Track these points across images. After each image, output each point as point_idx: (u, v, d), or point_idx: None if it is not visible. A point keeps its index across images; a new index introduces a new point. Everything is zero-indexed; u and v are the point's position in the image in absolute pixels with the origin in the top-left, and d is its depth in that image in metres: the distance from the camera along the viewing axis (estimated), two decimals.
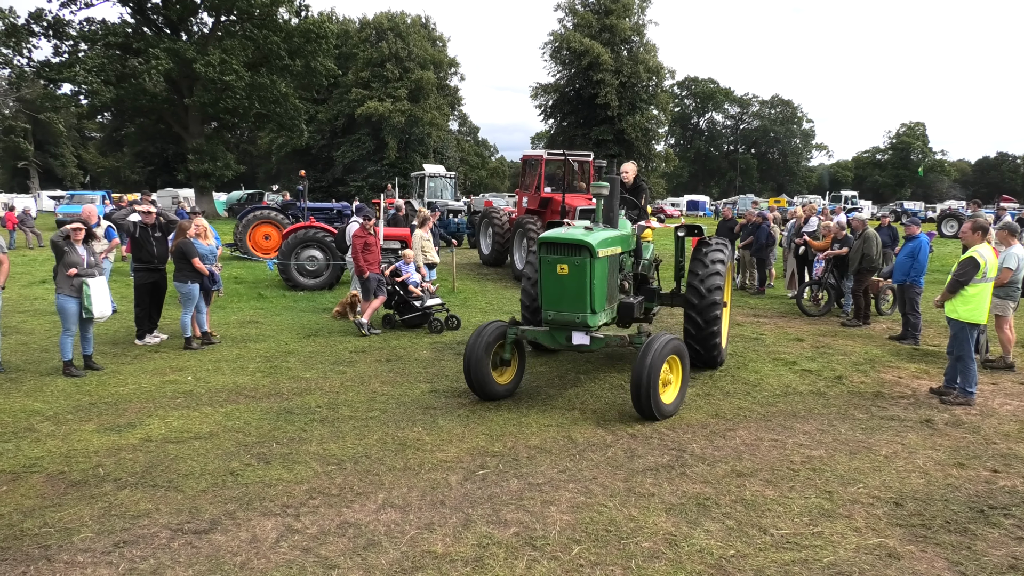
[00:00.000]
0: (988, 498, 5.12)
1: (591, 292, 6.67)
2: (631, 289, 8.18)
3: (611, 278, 7.19)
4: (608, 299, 7.15)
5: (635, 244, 8.48)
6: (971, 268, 7.35)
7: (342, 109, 61.76)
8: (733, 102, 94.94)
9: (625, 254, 7.95)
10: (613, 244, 7.17)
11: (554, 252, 6.77)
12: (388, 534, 4.46)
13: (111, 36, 37.53)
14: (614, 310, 7.55)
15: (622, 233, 7.74)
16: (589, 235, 6.72)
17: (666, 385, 6.73)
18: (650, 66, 64.01)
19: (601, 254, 6.74)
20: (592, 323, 6.80)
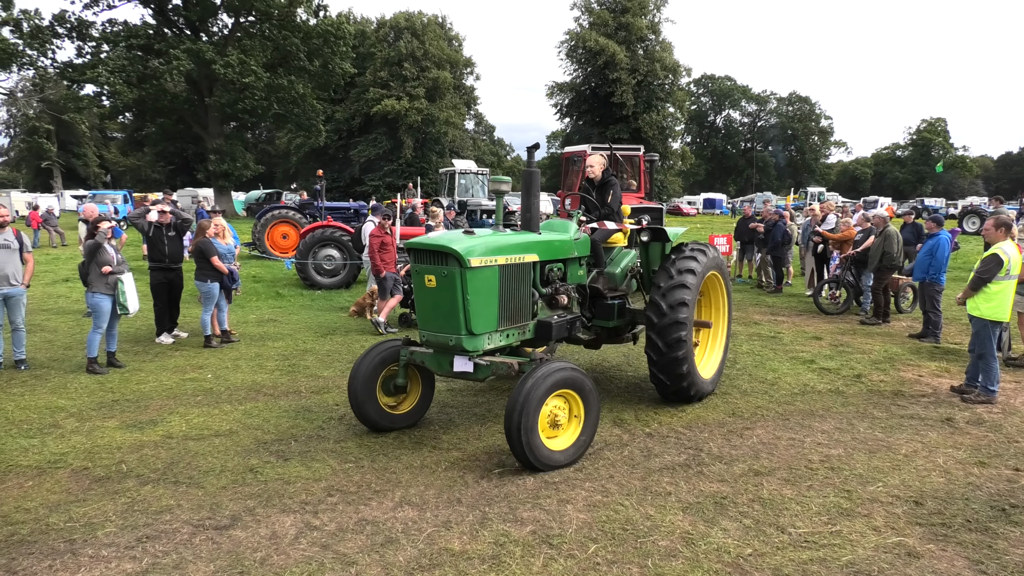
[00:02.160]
0: (1010, 497, 5.07)
1: (464, 310, 5.44)
2: (575, 303, 6.81)
3: (506, 292, 5.80)
4: (503, 318, 5.83)
5: (586, 250, 6.97)
6: (994, 265, 7.27)
7: (359, 108, 62.04)
8: (750, 99, 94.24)
9: (555, 263, 6.52)
10: (504, 251, 5.77)
11: (421, 261, 5.64)
12: (405, 531, 4.49)
13: (133, 37, 37.99)
14: (526, 330, 6.16)
15: (531, 238, 6.21)
16: (459, 241, 5.54)
17: (556, 427, 5.49)
18: (666, 64, 63.65)
19: (475, 263, 5.43)
20: (470, 347, 5.57)
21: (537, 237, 6.31)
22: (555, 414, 5.43)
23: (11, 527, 4.54)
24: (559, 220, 7.04)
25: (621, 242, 7.59)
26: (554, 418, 5.44)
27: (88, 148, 76.24)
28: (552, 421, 5.44)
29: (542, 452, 5.30)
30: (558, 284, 6.58)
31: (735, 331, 11.11)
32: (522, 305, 6.06)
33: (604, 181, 7.63)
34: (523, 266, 6.00)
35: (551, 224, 6.93)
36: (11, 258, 8.43)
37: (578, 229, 6.92)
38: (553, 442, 5.47)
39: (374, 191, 57.95)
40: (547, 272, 6.45)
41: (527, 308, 6.13)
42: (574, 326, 6.58)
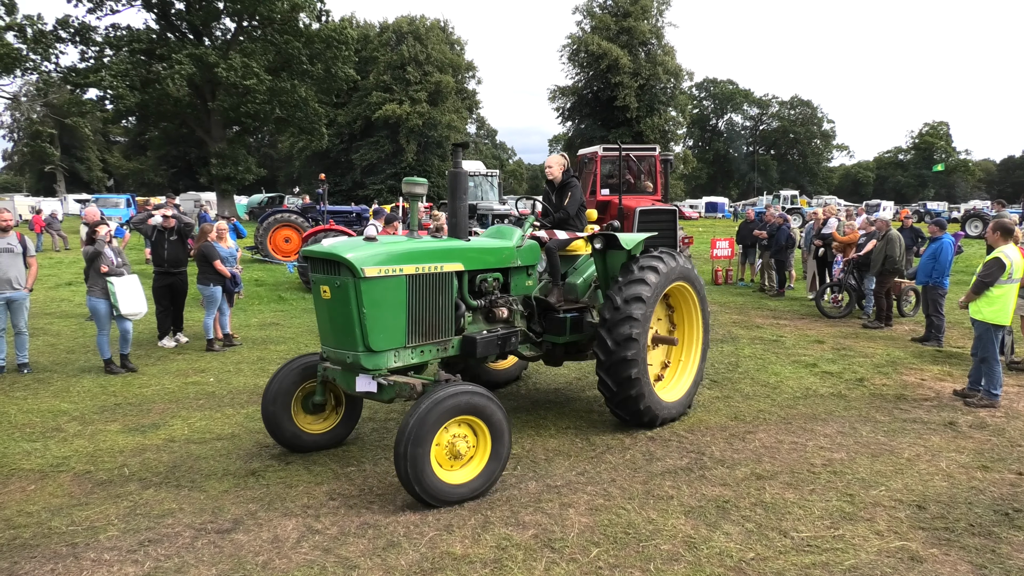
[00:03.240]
0: (1013, 501, 5.05)
1: (360, 324, 4.93)
2: (517, 317, 6.22)
3: (417, 305, 5.26)
4: (415, 333, 5.29)
5: (534, 259, 6.37)
6: (996, 269, 7.26)
7: (361, 112, 62.21)
8: (752, 103, 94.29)
9: (488, 272, 5.95)
10: (413, 260, 5.22)
11: (316, 270, 5.17)
12: (407, 535, 4.49)
13: (136, 42, 38.10)
14: (448, 347, 5.63)
15: (452, 246, 5.65)
16: (354, 248, 5.02)
17: (456, 457, 4.94)
18: (669, 68, 63.74)
19: (372, 273, 4.90)
20: (369, 364, 5.06)
21: (462, 244, 5.73)
22: (455, 443, 4.89)
23: (13, 531, 4.55)
24: (506, 226, 6.54)
25: (585, 250, 7.05)
26: (453, 447, 4.90)
27: (91, 152, 76.50)
28: (451, 451, 4.90)
29: (434, 485, 4.74)
30: (495, 296, 6.00)
31: (737, 335, 11.12)
32: (441, 319, 5.48)
33: (564, 183, 7.06)
34: (442, 276, 5.43)
35: (498, 230, 6.50)
36: (14, 262, 8.45)
37: (523, 236, 6.28)
38: (452, 474, 4.91)
39: (376, 195, 58.05)
40: (478, 283, 5.89)
41: (448, 322, 5.54)
42: (509, 342, 5.95)
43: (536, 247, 6.42)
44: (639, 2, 63.46)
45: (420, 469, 4.64)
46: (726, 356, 9.66)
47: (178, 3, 39.79)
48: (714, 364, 9.17)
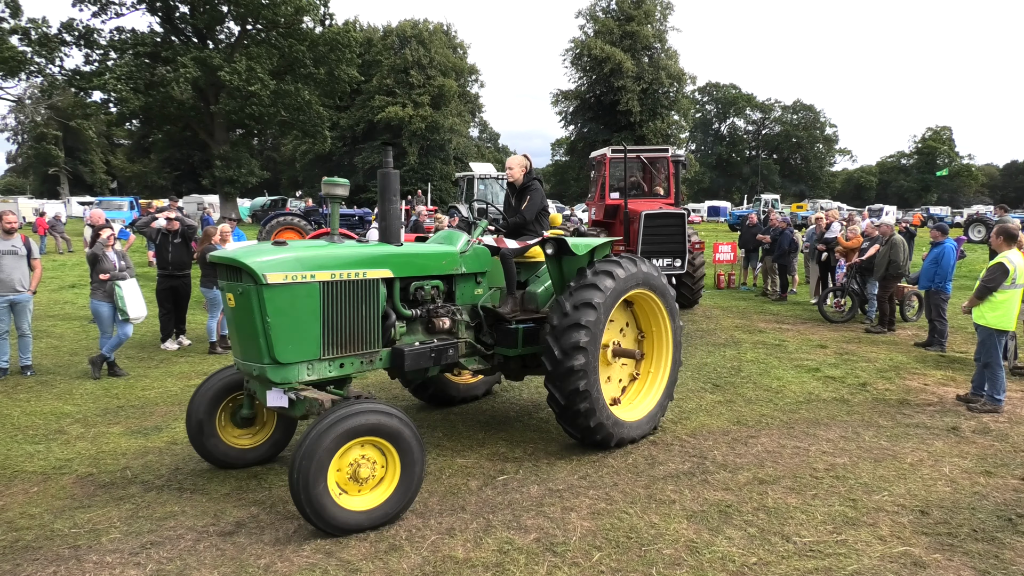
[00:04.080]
0: (1016, 506, 5.04)
1: (265, 334, 4.58)
2: (461, 327, 5.81)
3: (335, 314, 4.89)
4: (332, 344, 4.91)
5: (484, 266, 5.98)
6: (1000, 274, 7.25)
7: (364, 115, 62.34)
8: (755, 107, 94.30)
9: (425, 279, 5.56)
10: (329, 265, 4.86)
11: (222, 276, 4.88)
12: (409, 539, 4.49)
13: (140, 45, 38.19)
14: (374, 359, 5.22)
15: (378, 251, 5.29)
16: (257, 253, 4.67)
17: (361, 481, 4.56)
18: (672, 72, 63.82)
19: (276, 280, 4.54)
20: (276, 378, 4.70)
21: (391, 250, 5.36)
22: (358, 466, 4.53)
23: (16, 533, 4.56)
24: (455, 231, 6.12)
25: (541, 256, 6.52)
26: (356, 471, 4.53)
27: (95, 155, 76.72)
28: (354, 474, 4.53)
29: (333, 512, 4.38)
30: (436, 305, 5.64)
31: (739, 339, 11.11)
32: (364, 329, 5.08)
33: (524, 186, 6.62)
34: (365, 283, 5.05)
35: (447, 235, 6.08)
36: (18, 264, 8.47)
37: (470, 241, 5.90)
38: (356, 500, 4.56)
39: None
40: (413, 291, 5.52)
41: (373, 333, 5.14)
42: (445, 354, 5.49)
43: (485, 253, 5.99)
44: (642, 6, 63.59)
45: (316, 495, 4.29)
46: (728, 360, 9.65)
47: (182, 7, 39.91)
48: (716, 368, 9.17)
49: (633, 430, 6.18)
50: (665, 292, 6.40)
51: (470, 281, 5.93)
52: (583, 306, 5.62)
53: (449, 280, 5.79)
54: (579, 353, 5.54)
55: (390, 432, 4.57)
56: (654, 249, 12.61)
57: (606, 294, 5.71)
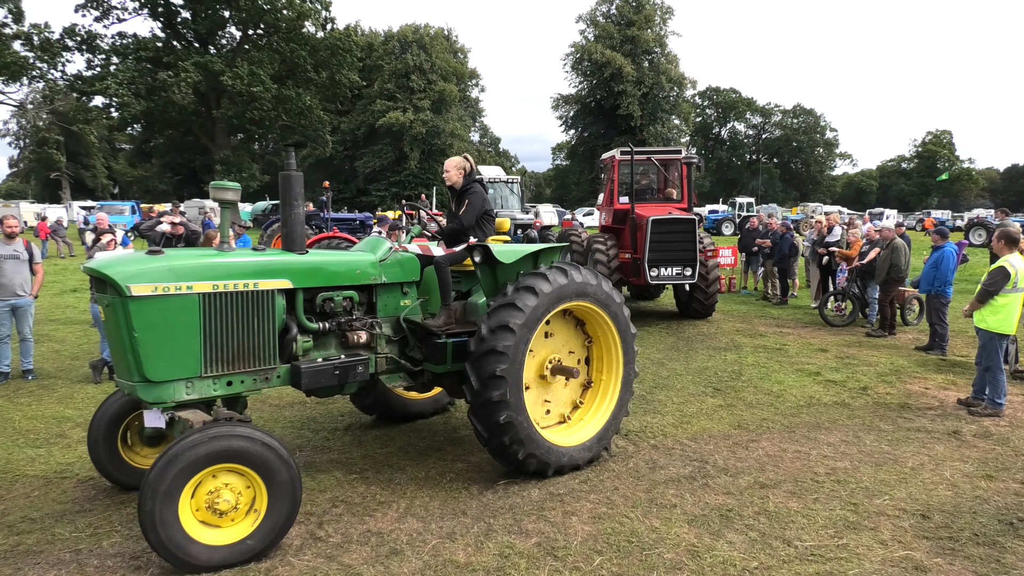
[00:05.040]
0: (1018, 511, 5.03)
1: (133, 350, 4.23)
2: (381, 342, 5.41)
3: (219, 328, 4.53)
4: (216, 361, 4.54)
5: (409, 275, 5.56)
6: (1001, 278, 7.26)
7: (365, 120, 62.51)
8: (755, 111, 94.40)
9: (334, 290, 5.17)
10: (209, 275, 4.49)
11: (96, 288, 4.55)
12: (410, 543, 4.49)
13: (142, 50, 38.39)
14: (270, 376, 4.82)
15: (274, 260, 4.90)
16: (122, 263, 4.32)
17: (221, 514, 4.14)
18: (672, 76, 64.02)
19: (141, 291, 4.19)
20: (148, 397, 4.34)
21: (291, 259, 4.97)
22: (217, 497, 4.12)
23: (17, 537, 4.56)
24: (378, 238, 5.79)
25: None
26: (215, 502, 4.12)
27: (97, 159, 76.84)
28: (212, 506, 4.12)
29: (189, 549, 3.98)
30: (350, 318, 5.25)
31: (740, 343, 11.10)
32: (256, 344, 4.71)
33: (463, 189, 6.09)
34: (256, 295, 4.68)
35: (370, 242, 5.74)
36: (20, 269, 8.49)
37: (391, 248, 5.51)
38: (217, 533, 4.14)
39: (379, 202, 58.22)
40: (320, 302, 5.11)
41: (267, 348, 4.77)
42: (352, 371, 5.07)
43: (412, 261, 5.59)
44: (642, 11, 63.82)
45: (168, 531, 3.90)
46: (729, 364, 9.65)
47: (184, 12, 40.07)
48: (717, 372, 9.17)
49: (575, 455, 5.64)
50: (609, 303, 5.82)
51: (394, 292, 5.53)
52: (500, 330, 5.10)
53: (368, 291, 5.40)
54: (497, 383, 5.06)
55: (251, 459, 4.13)
56: (662, 257, 12.18)
57: (526, 314, 5.16)
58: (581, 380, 6.07)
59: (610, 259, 12.77)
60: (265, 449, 4.18)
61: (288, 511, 4.27)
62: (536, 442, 5.33)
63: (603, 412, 5.97)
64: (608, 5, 65.59)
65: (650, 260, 12.13)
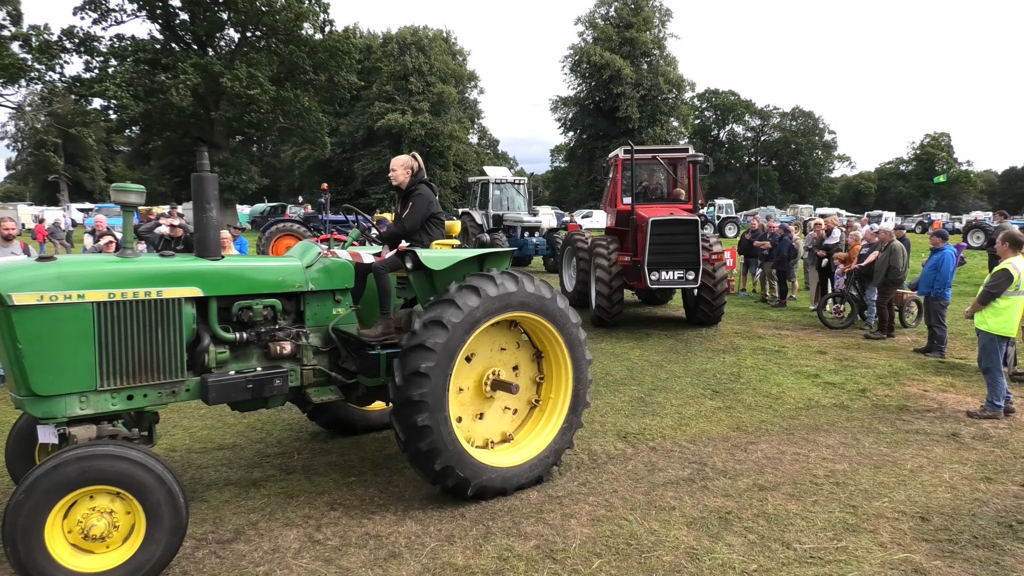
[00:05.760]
0: (1017, 513, 5.03)
1: (19, 363, 3.99)
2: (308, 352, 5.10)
3: (117, 339, 4.25)
4: (114, 374, 4.26)
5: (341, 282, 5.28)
6: (1004, 280, 7.27)
7: (363, 122, 62.55)
8: (754, 114, 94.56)
9: (253, 299, 4.86)
10: (106, 283, 4.21)
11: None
12: (409, 546, 4.48)
13: (140, 52, 38.34)
14: (181, 389, 4.55)
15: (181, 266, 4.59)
16: (8, 270, 4.09)
17: (96, 539, 3.84)
18: (670, 79, 64.14)
19: (24, 301, 3.95)
20: (37, 412, 4.10)
21: (202, 265, 4.66)
22: (89, 522, 3.82)
23: None
24: (309, 243, 5.53)
25: None
26: (88, 528, 3.82)
27: (95, 161, 76.88)
28: (85, 531, 3.82)
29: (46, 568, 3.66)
30: (272, 328, 4.95)
31: (739, 345, 11.10)
32: (160, 356, 4.43)
33: (408, 190, 5.79)
34: (160, 304, 4.40)
35: (301, 247, 5.47)
36: None
37: (319, 254, 5.26)
38: (86, 560, 3.82)
39: (378, 204, 58.22)
40: (238, 311, 4.81)
41: (173, 360, 4.48)
42: (269, 384, 4.76)
43: (345, 268, 5.29)
44: (641, 13, 63.94)
45: (33, 559, 3.62)
46: (728, 366, 9.65)
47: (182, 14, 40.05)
48: (716, 374, 9.17)
49: (507, 477, 5.22)
50: (558, 317, 5.44)
51: (325, 300, 5.22)
52: (432, 324, 4.78)
53: (295, 299, 5.12)
54: (420, 381, 4.69)
55: (125, 480, 3.82)
56: (663, 260, 11.65)
57: (464, 313, 4.83)
58: (528, 397, 5.70)
59: (611, 263, 12.21)
60: (142, 470, 3.85)
61: (168, 539, 3.93)
62: (458, 455, 4.91)
63: (545, 436, 5.57)
64: (607, 7, 65.73)
65: (650, 263, 11.64)
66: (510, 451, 5.48)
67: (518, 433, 5.65)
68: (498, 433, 5.57)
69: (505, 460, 5.32)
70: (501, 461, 5.29)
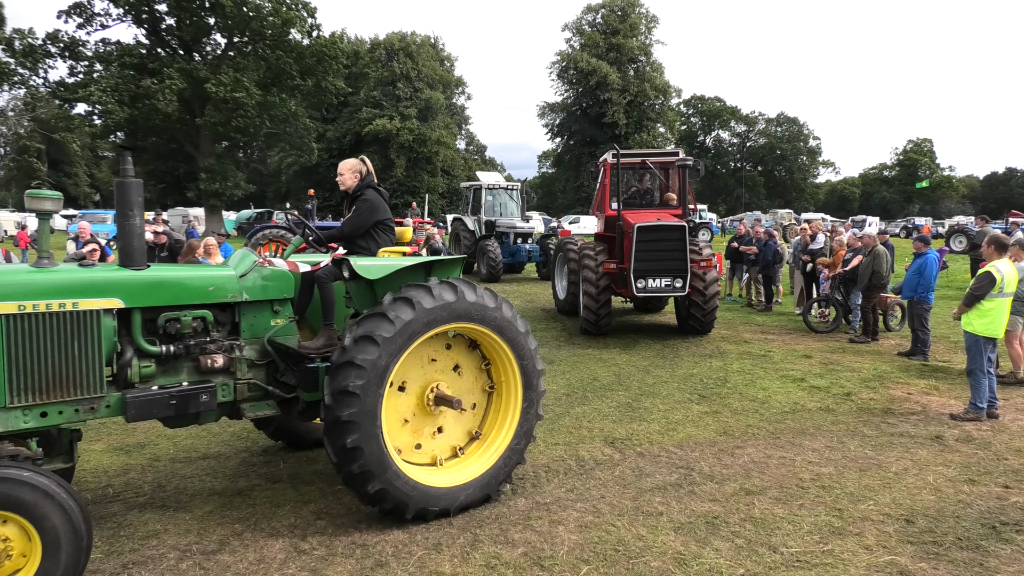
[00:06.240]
0: (1000, 514, 5.08)
1: None
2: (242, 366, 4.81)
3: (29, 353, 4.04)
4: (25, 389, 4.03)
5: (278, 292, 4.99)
6: (987, 283, 7.37)
7: (351, 128, 62.46)
8: (739, 120, 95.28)
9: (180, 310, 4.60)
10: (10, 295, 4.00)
11: None
12: (396, 555, 4.46)
13: (126, 57, 38.12)
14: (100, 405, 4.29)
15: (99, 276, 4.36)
16: None
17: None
18: (657, 85, 64.58)
19: None
20: None
21: (124, 275, 4.43)
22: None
23: None
24: (242, 251, 5.36)
25: None
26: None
27: (79, 167, 76.18)
28: None
29: None
30: (202, 340, 4.69)
31: (725, 350, 11.15)
32: (78, 371, 4.19)
33: (354, 195, 5.58)
34: (77, 315, 4.17)
35: (238, 255, 5.30)
36: None
37: (255, 263, 4.99)
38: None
39: None
40: (163, 323, 4.54)
41: (91, 375, 4.23)
42: (195, 400, 4.50)
43: (284, 277, 5.03)
44: (627, 20, 64.36)
45: None
46: (714, 371, 9.69)
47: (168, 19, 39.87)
48: (703, 379, 9.20)
49: (450, 497, 4.95)
50: (506, 329, 5.14)
51: (263, 311, 4.94)
52: (363, 340, 4.51)
53: (230, 309, 4.85)
54: (349, 400, 4.43)
55: (23, 507, 3.58)
56: (649, 267, 11.26)
57: (396, 327, 4.55)
58: (478, 413, 5.42)
59: (599, 270, 11.82)
60: (39, 494, 3.61)
61: (68, 564, 3.68)
62: (395, 476, 4.64)
63: (490, 454, 5.27)
64: (594, 14, 66.13)
65: (636, 270, 11.25)
66: (457, 468, 5.20)
67: (469, 447, 5.38)
68: (448, 449, 5.30)
69: (450, 479, 5.07)
70: (445, 480, 5.03)
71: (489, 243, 20.67)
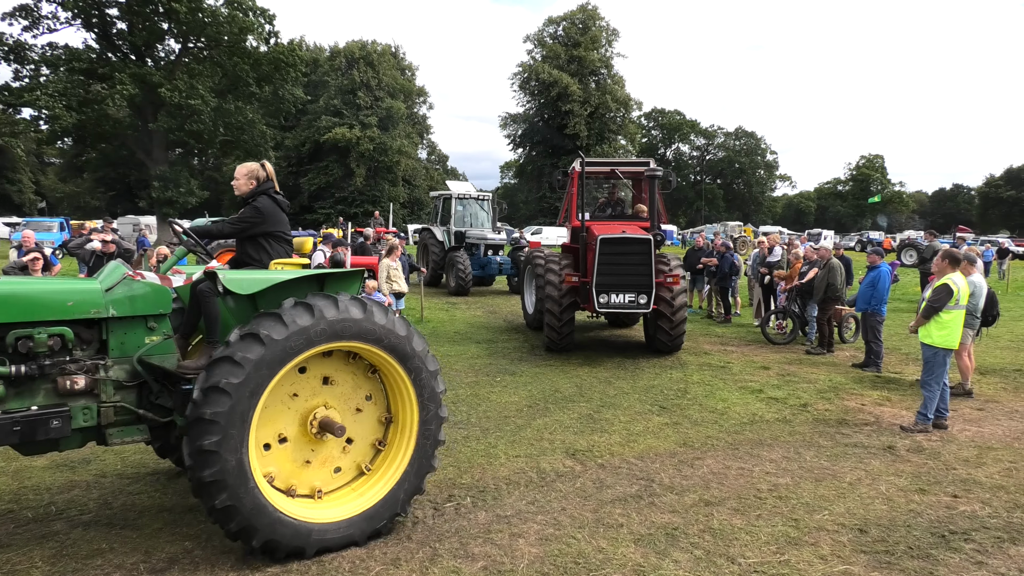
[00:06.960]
0: (949, 523, 5.19)
1: None
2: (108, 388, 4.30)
3: None
4: None
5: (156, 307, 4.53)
6: (945, 295, 7.56)
7: (310, 136, 61.82)
8: (699, 133, 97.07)
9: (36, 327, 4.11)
10: None
11: None
12: (353, 570, 4.35)
13: (75, 61, 37.05)
14: None
15: None
16: None
17: None
18: (618, 97, 65.45)
19: None
20: None
21: None
22: None
23: None
24: (113, 264, 4.91)
25: None
26: None
27: (24, 174, 73.64)
28: None
29: None
30: (62, 360, 4.23)
31: (685, 361, 11.25)
32: None
33: (245, 200, 5.23)
34: None
35: (109, 268, 4.79)
36: None
37: (125, 275, 4.51)
38: None
39: (325, 219, 57.46)
40: (14, 342, 4.06)
41: None
42: (45, 426, 4.04)
43: (159, 291, 4.56)
44: (588, 32, 65.16)
45: None
46: (675, 382, 9.76)
47: (120, 23, 38.92)
48: (663, 390, 9.26)
49: (308, 533, 4.43)
50: (397, 346, 4.68)
51: (135, 328, 4.47)
52: (211, 392, 4.04)
53: (96, 326, 4.38)
54: (218, 397, 4.04)
55: None
56: (612, 282, 10.71)
57: (247, 370, 4.09)
58: (372, 438, 4.98)
59: (561, 283, 11.33)
60: None
61: None
62: (250, 496, 4.16)
63: (381, 486, 4.81)
64: (555, 26, 66.82)
65: (598, 284, 10.70)
66: (344, 499, 4.77)
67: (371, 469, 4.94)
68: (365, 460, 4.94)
69: (339, 511, 4.64)
70: (336, 513, 4.62)
71: (459, 255, 20.14)
